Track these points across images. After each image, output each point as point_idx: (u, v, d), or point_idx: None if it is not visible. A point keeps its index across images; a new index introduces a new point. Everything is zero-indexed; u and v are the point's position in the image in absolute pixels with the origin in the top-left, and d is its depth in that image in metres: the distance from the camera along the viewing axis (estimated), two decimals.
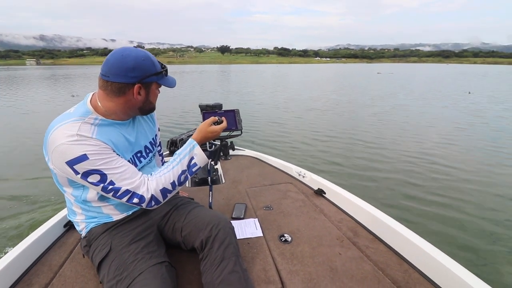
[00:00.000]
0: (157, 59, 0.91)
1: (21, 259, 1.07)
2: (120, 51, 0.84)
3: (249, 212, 1.50)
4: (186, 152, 0.95)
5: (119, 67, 0.81)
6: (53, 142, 0.78)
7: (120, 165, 0.83)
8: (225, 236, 0.95)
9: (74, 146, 0.76)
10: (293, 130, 6.14)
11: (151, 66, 0.86)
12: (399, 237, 1.18)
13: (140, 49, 0.87)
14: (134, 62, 0.82)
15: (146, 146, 1.03)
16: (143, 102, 0.90)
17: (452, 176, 3.60)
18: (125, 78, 0.82)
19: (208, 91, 15.01)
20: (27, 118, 7.72)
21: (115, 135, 0.88)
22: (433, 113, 7.97)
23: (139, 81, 0.84)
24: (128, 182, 0.83)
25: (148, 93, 0.90)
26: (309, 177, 1.84)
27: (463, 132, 5.88)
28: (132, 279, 0.79)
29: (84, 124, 0.82)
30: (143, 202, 0.85)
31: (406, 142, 5.12)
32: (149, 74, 0.85)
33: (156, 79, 0.89)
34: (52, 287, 0.99)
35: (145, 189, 0.85)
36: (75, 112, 0.85)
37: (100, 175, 0.80)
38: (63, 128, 0.79)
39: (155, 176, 0.89)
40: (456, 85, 17.73)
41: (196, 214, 1.05)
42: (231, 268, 0.89)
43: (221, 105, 1.60)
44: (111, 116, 0.89)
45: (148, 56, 0.86)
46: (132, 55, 0.82)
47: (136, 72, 0.83)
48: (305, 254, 1.16)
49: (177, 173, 0.91)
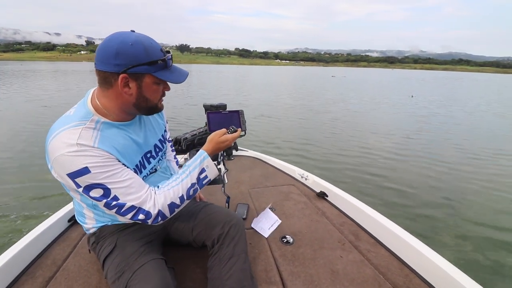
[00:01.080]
0: None
1: (26, 252, 1.08)
2: (110, 35, 0.73)
3: (251, 212, 1.50)
4: (196, 164, 0.88)
5: (103, 52, 0.71)
6: (53, 151, 0.71)
7: (124, 178, 0.76)
8: (236, 233, 0.95)
9: (74, 157, 0.70)
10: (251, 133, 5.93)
11: (141, 53, 0.72)
12: (400, 242, 1.18)
13: (140, 34, 0.74)
14: (119, 47, 0.70)
15: (155, 144, 0.95)
16: (136, 98, 0.78)
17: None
18: (108, 66, 0.72)
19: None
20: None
21: (120, 139, 0.80)
22: (381, 116, 8.40)
23: (124, 70, 0.72)
24: (134, 197, 0.76)
25: (140, 87, 0.76)
26: (312, 180, 1.85)
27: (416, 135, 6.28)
28: (132, 272, 0.79)
29: (85, 130, 0.74)
30: (149, 218, 0.78)
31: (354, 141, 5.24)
32: (137, 63, 0.72)
33: (149, 70, 0.74)
34: (55, 280, 1.00)
35: (152, 204, 0.78)
36: (75, 114, 0.77)
37: (103, 189, 0.73)
38: (63, 136, 0.71)
39: (162, 190, 0.82)
40: (400, 89, 19.50)
41: (208, 212, 1.04)
42: (240, 265, 0.89)
43: (225, 105, 1.53)
44: (111, 116, 0.79)
45: (139, 40, 0.72)
46: (119, 39, 0.71)
47: (120, 59, 0.71)
48: (307, 256, 1.17)
49: (186, 186, 0.85)
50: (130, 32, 0.74)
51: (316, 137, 5.86)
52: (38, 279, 1.01)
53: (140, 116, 0.90)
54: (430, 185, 3.63)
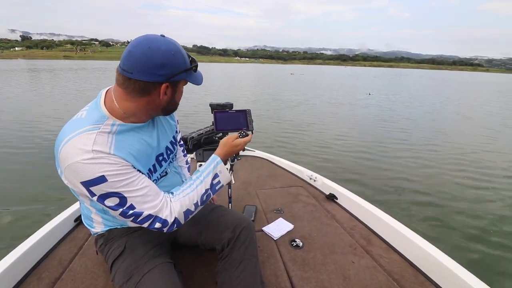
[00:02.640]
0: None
1: (32, 252, 1.07)
2: (145, 43, 0.69)
3: (259, 214, 1.48)
4: (210, 169, 0.87)
5: (146, 63, 0.68)
6: (66, 158, 0.67)
7: (141, 186, 0.73)
8: (246, 237, 0.93)
9: (90, 165, 0.66)
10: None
11: (182, 61, 0.74)
12: (414, 247, 1.15)
13: (168, 39, 0.73)
14: (164, 58, 0.70)
15: (167, 147, 0.93)
16: (167, 102, 0.79)
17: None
18: (152, 76, 0.70)
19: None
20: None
21: (136, 143, 0.78)
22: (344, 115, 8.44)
23: (168, 79, 0.72)
24: (151, 205, 0.74)
25: (174, 92, 0.78)
26: (321, 181, 1.80)
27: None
28: (141, 276, 0.78)
29: (100, 135, 0.70)
30: (166, 226, 0.77)
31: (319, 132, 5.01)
32: (179, 71, 0.74)
33: (185, 76, 0.77)
34: (61, 282, 1.00)
35: (169, 212, 0.77)
36: (88, 117, 0.73)
37: (119, 198, 0.71)
38: (76, 141, 0.67)
39: (178, 197, 0.80)
40: (357, 87, 20.22)
41: (217, 215, 1.02)
42: (250, 270, 0.88)
43: (232, 104, 1.58)
44: (129, 119, 0.77)
45: (178, 49, 0.73)
46: (161, 48, 0.70)
47: (166, 70, 0.71)
48: (317, 261, 1.14)
49: (201, 192, 0.84)
50: (166, 39, 0.72)
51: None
52: (44, 280, 1.00)
53: (153, 118, 0.87)
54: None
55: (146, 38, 0.71)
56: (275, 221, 1.42)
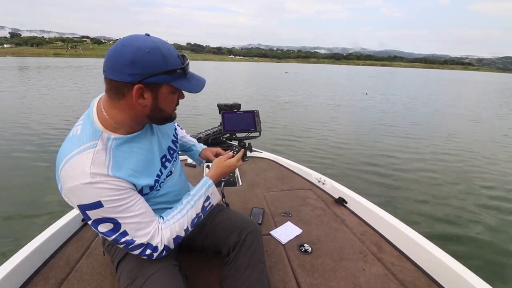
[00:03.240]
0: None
1: (39, 252, 1.07)
2: (123, 40, 0.66)
3: (267, 217, 1.46)
4: (201, 193, 0.86)
5: (116, 59, 0.64)
6: (65, 180, 0.66)
7: (136, 212, 0.72)
8: (253, 241, 0.92)
9: (88, 190, 0.65)
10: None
11: (160, 61, 0.65)
12: (428, 256, 1.11)
13: (151, 37, 0.67)
14: (135, 55, 0.63)
15: (169, 147, 0.91)
16: (150, 109, 0.71)
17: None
18: (121, 75, 0.64)
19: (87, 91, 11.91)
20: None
21: (135, 156, 0.75)
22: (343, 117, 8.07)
23: (140, 80, 0.65)
24: (143, 233, 0.73)
25: (156, 97, 0.69)
26: (330, 185, 1.77)
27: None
28: (145, 278, 0.76)
29: (97, 155, 0.67)
30: (156, 252, 0.76)
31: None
32: (155, 73, 0.65)
33: (167, 80, 0.68)
34: (68, 282, 0.99)
35: (159, 240, 0.75)
36: (83, 134, 0.70)
37: (113, 224, 0.70)
38: (74, 163, 0.66)
39: (168, 224, 0.78)
40: (354, 86, 19.94)
41: (223, 217, 1.00)
42: (257, 276, 0.86)
43: (240, 105, 1.50)
44: (122, 130, 0.73)
45: (157, 47, 0.65)
46: (134, 44, 0.64)
47: (136, 68, 0.63)
48: (326, 267, 1.11)
49: (191, 217, 0.82)
50: (145, 37, 0.67)
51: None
52: (51, 281, 1.00)
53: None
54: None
55: (128, 36, 0.67)
56: (283, 225, 1.39)
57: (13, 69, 27.58)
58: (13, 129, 5.49)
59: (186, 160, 2.20)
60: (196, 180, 0.93)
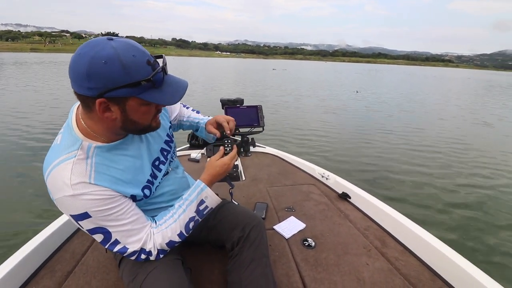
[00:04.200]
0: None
1: (45, 245, 1.09)
2: (81, 47, 0.58)
3: (270, 212, 1.46)
4: (193, 197, 0.82)
5: (74, 71, 0.58)
6: (51, 191, 0.65)
7: (127, 220, 0.70)
8: (256, 236, 0.91)
9: (73, 201, 0.64)
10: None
11: (118, 73, 0.57)
12: (432, 251, 1.11)
13: (120, 43, 0.58)
14: (89, 67, 0.55)
15: (162, 148, 0.86)
16: (122, 122, 0.65)
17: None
18: (82, 89, 0.58)
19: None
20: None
21: (119, 163, 0.71)
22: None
23: (100, 94, 0.58)
24: (135, 239, 0.72)
25: (124, 110, 0.63)
26: (333, 180, 1.77)
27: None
28: (146, 273, 0.75)
29: (77, 164, 0.65)
30: (151, 256, 0.76)
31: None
32: (114, 86, 0.57)
33: (132, 93, 0.60)
34: (74, 275, 1.01)
35: (152, 245, 0.75)
36: (63, 143, 0.67)
37: (103, 234, 0.69)
38: (56, 174, 0.64)
39: (160, 229, 0.77)
40: (344, 84, 19.76)
41: (227, 212, 0.99)
42: (261, 270, 0.86)
43: (243, 100, 1.50)
44: (102, 138, 0.69)
45: (115, 56, 0.56)
46: (89, 54, 0.56)
47: (93, 82, 0.56)
48: (330, 262, 1.12)
49: (184, 222, 0.80)
50: (105, 43, 0.57)
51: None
52: (57, 273, 1.01)
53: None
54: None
55: (87, 42, 0.59)
56: (286, 219, 1.40)
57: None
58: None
59: (189, 155, 2.15)
60: (199, 175, 0.87)
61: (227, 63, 64.27)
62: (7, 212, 2.57)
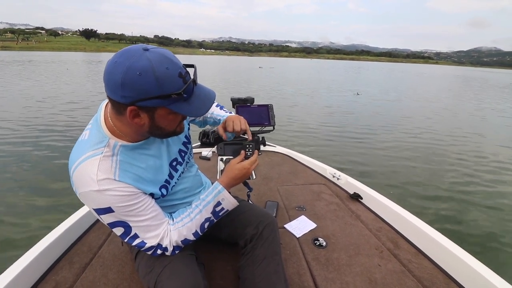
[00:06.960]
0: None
1: (64, 238, 1.13)
2: (118, 55, 0.61)
3: (281, 211, 1.46)
4: (209, 198, 0.83)
5: (109, 78, 0.60)
6: (76, 185, 0.68)
7: (147, 215, 0.74)
8: (270, 234, 0.93)
9: (98, 196, 0.67)
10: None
11: (151, 85, 0.59)
12: (446, 253, 1.10)
13: (155, 54, 0.60)
14: (125, 77, 0.58)
15: (180, 149, 0.89)
16: (149, 127, 0.69)
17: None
18: (115, 95, 0.61)
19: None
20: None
21: (141, 163, 0.75)
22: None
23: (132, 103, 0.61)
24: (153, 234, 0.76)
25: (152, 118, 0.66)
26: (344, 180, 1.76)
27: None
28: (162, 267, 0.78)
29: (103, 161, 0.68)
30: (167, 251, 0.80)
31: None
32: (147, 97, 0.60)
33: (162, 104, 0.63)
34: (91, 267, 1.04)
35: (168, 242, 0.79)
36: (90, 139, 0.71)
37: (124, 228, 0.73)
38: (82, 169, 0.67)
39: (176, 226, 0.81)
40: (340, 83, 18.81)
41: (240, 210, 0.99)
42: (273, 268, 0.88)
43: (253, 98, 1.54)
44: (128, 138, 0.72)
45: (150, 68, 0.58)
46: (125, 64, 0.58)
47: (126, 91, 0.59)
48: (342, 262, 1.12)
49: (199, 222, 0.82)
50: (140, 53, 0.59)
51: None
52: (76, 265, 1.05)
53: None
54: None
55: (123, 50, 0.61)
56: (297, 218, 1.39)
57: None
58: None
59: (201, 153, 2.16)
60: (210, 173, 0.88)
61: (211, 60, 62.44)
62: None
